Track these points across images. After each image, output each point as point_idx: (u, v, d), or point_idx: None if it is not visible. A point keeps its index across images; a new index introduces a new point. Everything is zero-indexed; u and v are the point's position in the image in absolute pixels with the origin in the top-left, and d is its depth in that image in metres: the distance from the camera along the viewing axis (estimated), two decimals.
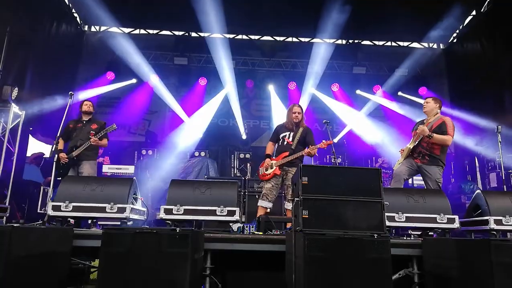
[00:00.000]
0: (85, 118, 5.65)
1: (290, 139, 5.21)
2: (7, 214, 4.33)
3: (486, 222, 3.78)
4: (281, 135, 5.28)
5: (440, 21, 9.77)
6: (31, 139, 8.29)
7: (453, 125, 4.84)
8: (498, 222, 3.75)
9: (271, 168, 5.11)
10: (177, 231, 2.60)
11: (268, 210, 5.04)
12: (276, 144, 5.36)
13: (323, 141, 5.23)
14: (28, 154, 8.18)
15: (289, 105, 5.59)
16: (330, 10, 8.90)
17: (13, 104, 6.85)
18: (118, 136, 5.60)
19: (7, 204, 5.66)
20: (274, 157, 5.26)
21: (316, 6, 9.00)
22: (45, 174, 7.74)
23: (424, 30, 10.28)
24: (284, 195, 5.32)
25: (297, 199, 2.86)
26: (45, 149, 9.16)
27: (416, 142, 4.89)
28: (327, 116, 10.39)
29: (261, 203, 5.07)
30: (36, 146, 8.83)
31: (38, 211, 6.78)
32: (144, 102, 10.61)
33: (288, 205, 5.07)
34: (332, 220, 2.79)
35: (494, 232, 3.75)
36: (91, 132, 5.41)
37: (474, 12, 10.05)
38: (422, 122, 5.07)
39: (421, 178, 5.09)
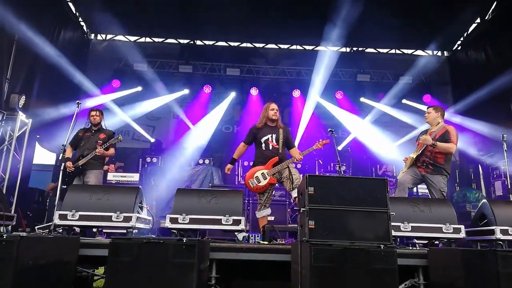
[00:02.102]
0: (94, 127, 5.69)
1: (274, 142, 4.92)
2: (14, 222, 4.35)
3: (492, 232, 3.75)
4: (263, 139, 4.93)
5: (444, 29, 9.81)
6: (38, 147, 8.36)
7: (457, 134, 4.86)
8: (504, 232, 3.72)
9: (264, 178, 4.79)
10: (184, 241, 2.61)
11: (269, 217, 4.91)
12: (257, 149, 5.01)
13: (319, 140, 5.00)
14: (35, 162, 8.24)
15: (265, 104, 5.19)
16: (334, 18, 8.95)
17: (20, 112, 6.92)
18: (122, 142, 5.62)
19: (12, 212, 5.69)
20: (261, 165, 4.88)
21: (320, 14, 9.06)
22: None
23: (428, 38, 10.32)
24: (289, 192, 5.02)
25: (303, 209, 2.87)
26: (51, 157, 9.25)
27: (420, 152, 4.89)
28: (332, 123, 10.41)
29: (262, 213, 4.82)
30: (42, 154, 8.91)
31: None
32: (149, 108, 10.67)
33: (295, 193, 4.65)
34: (338, 230, 2.79)
35: (500, 242, 3.73)
36: (99, 142, 5.45)
37: (478, 20, 10.07)
38: (425, 132, 5.08)
39: (425, 186, 5.09)
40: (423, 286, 3.25)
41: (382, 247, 2.66)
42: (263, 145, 4.94)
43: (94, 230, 4.58)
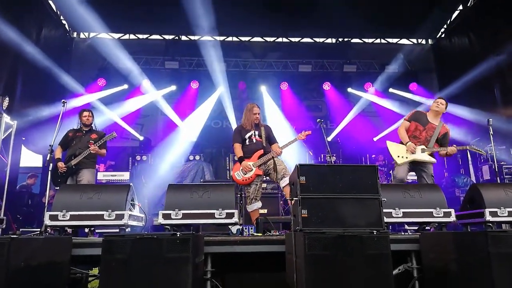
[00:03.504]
0: (85, 128, 5.68)
1: (258, 137, 5.11)
2: (3, 226, 4.28)
3: (482, 215, 3.80)
4: (247, 136, 5.13)
5: (428, 17, 9.89)
6: (24, 149, 8.21)
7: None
8: (493, 214, 3.77)
9: (251, 170, 4.93)
10: (178, 235, 2.59)
11: (260, 210, 4.96)
12: (242, 145, 5.13)
13: (301, 132, 5.10)
14: (22, 164, 8.09)
15: (247, 105, 5.36)
16: (319, 9, 8.95)
17: (4, 114, 6.78)
18: (111, 141, 5.59)
19: (2, 215, 5.59)
20: (247, 158, 5.02)
21: (305, 6, 9.05)
22: None
23: (413, 26, 10.39)
24: (277, 182, 5.05)
25: (296, 198, 2.88)
26: (37, 159, 9.10)
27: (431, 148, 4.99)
28: (320, 114, 10.47)
29: (252, 207, 4.91)
30: (28, 156, 8.75)
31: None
32: (136, 106, 10.55)
33: (284, 182, 4.82)
34: (331, 218, 2.80)
35: (490, 224, 3.79)
36: (90, 141, 5.41)
37: (460, 7, 10.17)
38: (425, 115, 5.16)
39: (413, 173, 5.17)
40: (416, 270, 3.29)
41: (375, 233, 2.68)
42: (247, 140, 5.13)
43: (87, 230, 4.52)
